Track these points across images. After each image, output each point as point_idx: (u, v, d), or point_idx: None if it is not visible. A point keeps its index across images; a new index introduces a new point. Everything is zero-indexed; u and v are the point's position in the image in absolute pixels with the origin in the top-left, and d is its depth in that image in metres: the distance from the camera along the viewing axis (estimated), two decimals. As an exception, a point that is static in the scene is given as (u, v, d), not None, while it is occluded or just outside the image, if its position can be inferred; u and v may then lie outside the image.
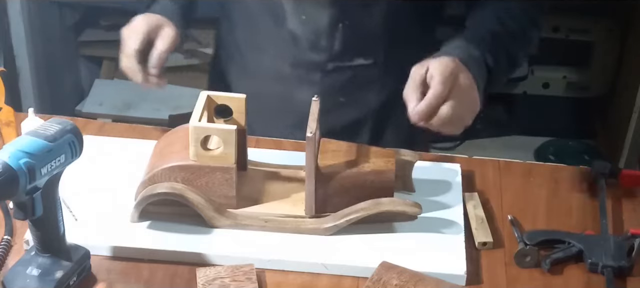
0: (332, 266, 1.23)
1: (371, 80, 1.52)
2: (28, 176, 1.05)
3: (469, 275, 1.22)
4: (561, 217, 1.36)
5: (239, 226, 1.26)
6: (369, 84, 1.52)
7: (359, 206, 1.25)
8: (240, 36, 1.56)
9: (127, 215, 1.28)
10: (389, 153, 1.29)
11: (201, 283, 1.17)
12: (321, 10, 1.44)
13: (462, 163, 1.45)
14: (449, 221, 1.30)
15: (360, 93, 1.53)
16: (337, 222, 1.25)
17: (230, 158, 1.23)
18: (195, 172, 1.24)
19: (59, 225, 1.15)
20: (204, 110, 1.27)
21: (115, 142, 1.47)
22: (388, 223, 1.27)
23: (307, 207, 1.26)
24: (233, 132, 1.22)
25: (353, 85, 1.52)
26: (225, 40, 1.63)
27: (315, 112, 1.25)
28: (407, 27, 1.48)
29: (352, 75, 1.51)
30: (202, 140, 1.23)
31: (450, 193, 1.37)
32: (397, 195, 1.30)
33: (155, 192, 1.24)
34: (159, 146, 1.32)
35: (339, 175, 1.25)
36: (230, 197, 1.26)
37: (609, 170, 1.43)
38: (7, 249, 1.23)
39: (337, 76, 1.50)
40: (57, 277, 1.14)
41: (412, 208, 1.26)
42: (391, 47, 1.49)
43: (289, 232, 1.25)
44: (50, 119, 1.13)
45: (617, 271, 1.23)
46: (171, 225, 1.26)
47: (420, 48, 1.35)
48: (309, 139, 1.20)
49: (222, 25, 1.64)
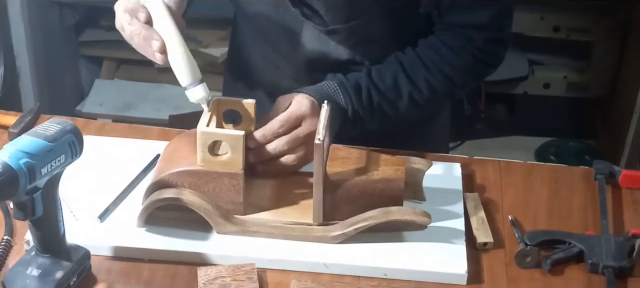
0: (333, 265, 1.22)
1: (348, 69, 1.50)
2: (28, 176, 1.05)
3: (470, 275, 1.22)
4: (562, 217, 1.36)
5: (246, 233, 1.25)
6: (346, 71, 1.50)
7: (368, 214, 1.24)
8: (255, 49, 1.55)
9: (127, 215, 1.28)
10: (399, 161, 1.29)
11: (202, 282, 1.17)
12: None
13: (463, 163, 1.45)
14: (450, 221, 1.30)
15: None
16: (345, 231, 1.24)
17: (238, 164, 1.23)
18: (203, 178, 1.23)
19: (59, 225, 1.15)
20: (212, 115, 1.26)
21: (115, 142, 1.47)
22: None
23: (314, 215, 1.25)
24: (241, 137, 1.21)
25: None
26: (239, 49, 1.61)
27: (324, 118, 1.24)
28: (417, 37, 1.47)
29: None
30: (210, 146, 1.22)
31: (451, 193, 1.36)
32: (407, 203, 1.30)
33: (161, 197, 1.23)
34: (167, 150, 1.31)
35: (347, 183, 1.24)
36: (238, 204, 1.25)
37: (609, 170, 1.43)
38: (7, 249, 1.23)
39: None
40: (57, 278, 1.14)
41: (421, 217, 1.25)
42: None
43: (296, 240, 1.25)
44: (50, 119, 1.13)
45: (617, 271, 1.23)
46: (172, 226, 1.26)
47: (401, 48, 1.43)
48: (316, 146, 1.19)
49: (236, 33, 1.62)
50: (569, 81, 2.96)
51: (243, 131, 1.22)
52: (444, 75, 1.42)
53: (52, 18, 2.83)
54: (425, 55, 1.42)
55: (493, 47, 1.44)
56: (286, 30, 1.46)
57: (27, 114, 1.51)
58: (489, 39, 1.42)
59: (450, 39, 1.42)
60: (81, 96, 3.01)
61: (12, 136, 1.44)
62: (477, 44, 1.42)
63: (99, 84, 3.01)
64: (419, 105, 1.43)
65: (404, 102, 1.42)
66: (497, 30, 1.43)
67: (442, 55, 1.42)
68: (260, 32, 1.52)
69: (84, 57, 3.04)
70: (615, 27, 2.87)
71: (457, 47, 1.42)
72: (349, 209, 1.25)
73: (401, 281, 1.22)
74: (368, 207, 1.25)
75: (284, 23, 1.45)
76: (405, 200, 1.28)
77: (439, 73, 1.42)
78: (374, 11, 1.41)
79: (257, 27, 1.52)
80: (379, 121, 1.43)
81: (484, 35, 1.41)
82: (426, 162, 1.33)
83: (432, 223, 1.26)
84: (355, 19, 1.41)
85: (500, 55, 1.46)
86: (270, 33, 1.50)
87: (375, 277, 1.22)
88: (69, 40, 2.95)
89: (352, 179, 1.24)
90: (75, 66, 3.03)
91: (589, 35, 2.90)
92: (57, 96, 2.88)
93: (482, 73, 1.48)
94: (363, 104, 1.40)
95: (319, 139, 1.19)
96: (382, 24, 1.43)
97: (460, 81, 1.45)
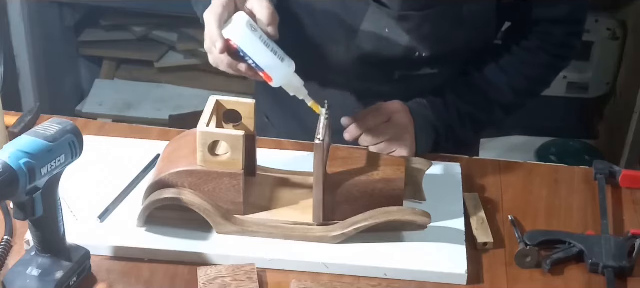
0: (333, 265, 1.22)
1: (434, 89, 1.48)
2: (28, 176, 1.05)
3: (470, 275, 1.22)
4: (562, 217, 1.36)
5: (246, 233, 1.25)
6: (431, 92, 1.48)
7: (368, 214, 1.24)
8: (299, 36, 1.44)
9: (127, 215, 1.28)
10: (399, 161, 1.29)
11: (202, 282, 1.17)
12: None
13: (463, 163, 1.45)
14: (450, 221, 1.30)
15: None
16: (345, 231, 1.24)
17: (238, 164, 1.23)
18: (203, 178, 1.23)
19: (59, 225, 1.15)
20: (212, 115, 1.26)
21: (115, 142, 1.47)
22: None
23: (314, 215, 1.25)
24: (241, 138, 1.21)
25: (417, 95, 1.47)
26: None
27: (323, 118, 1.23)
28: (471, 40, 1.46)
29: (418, 84, 1.48)
30: (210, 146, 1.22)
31: (451, 193, 1.36)
32: (407, 203, 1.30)
33: (161, 197, 1.23)
34: (167, 150, 1.31)
35: (347, 183, 1.24)
36: (238, 204, 1.25)
37: (609, 170, 1.43)
38: (7, 249, 1.23)
39: (402, 86, 1.47)
40: (57, 278, 1.14)
41: (421, 218, 1.25)
42: (454, 58, 1.47)
43: (296, 240, 1.25)
44: (50, 119, 1.13)
45: (617, 271, 1.23)
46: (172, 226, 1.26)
47: (478, 57, 1.47)
48: (316, 146, 1.19)
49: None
50: (569, 81, 2.95)
51: (243, 131, 1.22)
52: (526, 77, 1.47)
53: (52, 18, 2.83)
54: (505, 61, 1.46)
55: (571, 40, 1.48)
56: (346, 13, 1.39)
57: (27, 114, 1.51)
58: (568, 33, 1.46)
59: (527, 41, 1.45)
60: (81, 96, 3.01)
61: (12, 136, 1.44)
62: (556, 40, 1.45)
63: (99, 84, 3.01)
64: (507, 109, 1.49)
65: (492, 109, 1.47)
66: (575, 23, 1.47)
67: (521, 59, 1.46)
68: (311, 14, 1.42)
69: (84, 57, 3.04)
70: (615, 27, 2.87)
71: (534, 48, 1.45)
72: (349, 209, 1.25)
73: (401, 281, 1.22)
74: (368, 207, 1.25)
75: (345, 3, 1.39)
76: (405, 200, 1.28)
77: (520, 76, 1.46)
78: (451, 3, 1.38)
79: (308, 8, 1.42)
80: (472, 131, 1.48)
81: (563, 30, 1.45)
82: (426, 162, 1.33)
83: (432, 223, 1.26)
84: (432, 7, 1.37)
85: (576, 48, 1.50)
86: (322, 16, 1.41)
87: (375, 277, 1.22)
88: (69, 40, 2.95)
89: (352, 179, 1.24)
90: (75, 66, 3.03)
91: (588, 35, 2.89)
92: (57, 96, 2.88)
93: (561, 68, 1.52)
94: (452, 116, 1.44)
95: (319, 139, 1.19)
96: (456, 20, 1.40)
97: (542, 80, 1.51)
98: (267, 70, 1.19)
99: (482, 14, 1.41)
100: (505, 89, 1.47)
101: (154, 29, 2.97)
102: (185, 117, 2.76)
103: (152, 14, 2.89)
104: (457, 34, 1.41)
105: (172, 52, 3.00)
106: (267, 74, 1.20)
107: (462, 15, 1.39)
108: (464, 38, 1.42)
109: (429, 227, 1.26)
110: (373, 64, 1.43)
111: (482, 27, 1.44)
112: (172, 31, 2.97)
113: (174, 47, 2.98)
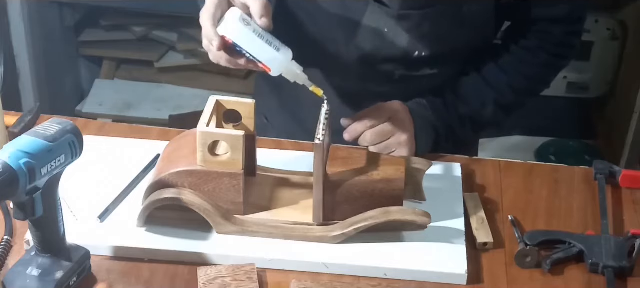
0: (333, 265, 1.22)
1: (433, 89, 1.48)
2: (28, 176, 1.05)
3: (470, 275, 1.22)
4: (562, 217, 1.36)
5: (246, 233, 1.25)
6: (431, 92, 1.48)
7: (368, 214, 1.24)
8: (299, 36, 1.42)
9: (127, 215, 1.28)
10: (399, 161, 1.29)
11: (202, 282, 1.17)
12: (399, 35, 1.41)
13: (463, 163, 1.45)
14: (450, 221, 1.30)
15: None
16: (345, 231, 1.24)
17: (238, 164, 1.23)
18: (203, 178, 1.23)
19: (59, 225, 1.15)
20: (212, 115, 1.26)
21: (115, 142, 1.47)
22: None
23: (314, 215, 1.25)
24: (241, 138, 1.21)
25: (417, 95, 1.48)
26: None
27: (323, 118, 1.23)
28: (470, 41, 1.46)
29: (418, 84, 1.47)
30: (210, 146, 1.22)
31: (451, 193, 1.37)
32: (407, 203, 1.30)
33: (161, 197, 1.23)
34: (167, 150, 1.31)
35: (347, 183, 1.24)
36: (238, 204, 1.25)
37: (609, 170, 1.43)
38: (7, 249, 1.23)
39: (402, 86, 1.47)
40: (57, 278, 1.14)
41: (421, 218, 1.25)
42: (453, 57, 1.47)
43: (296, 240, 1.25)
44: (50, 119, 1.13)
45: (618, 271, 1.23)
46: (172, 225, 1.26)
47: (477, 56, 1.47)
48: (316, 146, 1.19)
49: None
50: (569, 81, 2.95)
51: (243, 131, 1.22)
52: (525, 76, 1.47)
53: (52, 18, 2.83)
54: (504, 61, 1.47)
55: (571, 39, 1.48)
56: (345, 12, 1.40)
57: (27, 114, 1.51)
58: (567, 32, 1.46)
59: (526, 40, 1.46)
60: (81, 96, 3.01)
61: (12, 136, 1.44)
62: (555, 39, 1.45)
63: (99, 84, 3.01)
64: (507, 109, 1.49)
65: (492, 109, 1.47)
66: (575, 22, 1.47)
67: (521, 59, 1.46)
68: (311, 14, 1.43)
69: (84, 57, 3.04)
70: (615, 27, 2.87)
71: (534, 47, 1.46)
72: (349, 209, 1.25)
73: (401, 281, 1.22)
74: (368, 207, 1.25)
75: (345, 3, 1.39)
76: (405, 200, 1.28)
77: (520, 75, 1.47)
78: (450, 3, 1.38)
79: (308, 8, 1.43)
80: (471, 130, 1.49)
81: (563, 29, 1.45)
82: (426, 162, 1.33)
83: (432, 223, 1.26)
84: (431, 6, 1.37)
85: (576, 48, 1.50)
86: (322, 16, 1.42)
87: (375, 277, 1.22)
88: (69, 40, 2.95)
89: (352, 179, 1.24)
90: (75, 66, 3.03)
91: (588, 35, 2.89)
92: (57, 96, 2.88)
93: (560, 67, 1.53)
94: (452, 116, 1.45)
95: (318, 139, 1.19)
96: (455, 19, 1.40)
97: (542, 79, 1.51)
98: (264, 61, 1.21)
99: (481, 13, 1.41)
100: (505, 88, 1.47)
101: (154, 29, 2.97)
102: (185, 117, 2.76)
103: (152, 14, 2.89)
104: (456, 33, 1.41)
105: (172, 52, 3.00)
106: (265, 64, 1.21)
107: (462, 15, 1.39)
108: (464, 37, 1.42)
109: (429, 227, 1.26)
110: (373, 64, 1.43)
111: (481, 27, 1.44)
112: (172, 31, 2.97)
113: (174, 47, 2.98)
